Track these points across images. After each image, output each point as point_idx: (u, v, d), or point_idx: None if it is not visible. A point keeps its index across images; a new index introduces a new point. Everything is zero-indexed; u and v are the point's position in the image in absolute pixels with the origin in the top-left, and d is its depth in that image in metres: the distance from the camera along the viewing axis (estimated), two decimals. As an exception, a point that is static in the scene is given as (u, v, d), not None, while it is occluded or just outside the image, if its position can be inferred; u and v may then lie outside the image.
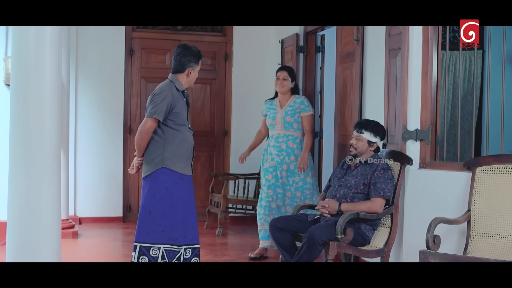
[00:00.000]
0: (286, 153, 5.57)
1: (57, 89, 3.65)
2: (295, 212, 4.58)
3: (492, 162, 3.93)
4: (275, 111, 5.67)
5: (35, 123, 3.58)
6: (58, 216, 3.71)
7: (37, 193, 3.58)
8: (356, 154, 4.45)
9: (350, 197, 4.36)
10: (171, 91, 4.08)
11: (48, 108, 3.61)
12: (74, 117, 7.15)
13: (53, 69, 3.61)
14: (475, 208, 3.92)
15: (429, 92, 4.36)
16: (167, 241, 4.03)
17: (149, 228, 4.04)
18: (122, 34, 7.36)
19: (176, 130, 4.10)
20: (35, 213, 3.58)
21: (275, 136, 5.64)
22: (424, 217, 3.94)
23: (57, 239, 3.69)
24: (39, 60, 3.57)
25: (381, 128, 4.47)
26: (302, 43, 6.66)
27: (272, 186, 5.55)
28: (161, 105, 4.01)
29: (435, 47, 4.36)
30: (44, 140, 3.59)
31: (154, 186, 4.06)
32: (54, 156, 3.65)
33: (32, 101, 3.59)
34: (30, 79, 3.58)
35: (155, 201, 4.05)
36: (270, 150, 5.65)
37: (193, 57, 4.17)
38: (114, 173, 7.33)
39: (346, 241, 4.09)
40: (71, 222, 6.55)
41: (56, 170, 3.66)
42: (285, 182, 5.57)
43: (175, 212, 4.06)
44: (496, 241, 3.81)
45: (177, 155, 4.09)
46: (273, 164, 5.58)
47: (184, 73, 4.17)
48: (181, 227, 4.07)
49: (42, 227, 3.60)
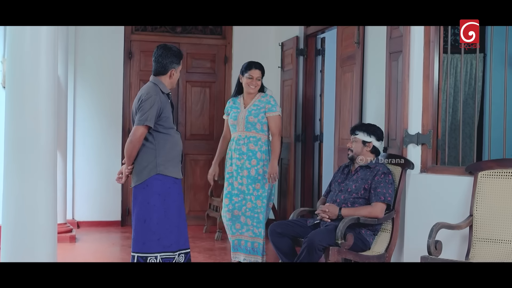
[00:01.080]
0: (247, 157, 5.07)
1: (53, 91, 3.60)
2: (294, 217, 4.55)
3: (495, 167, 3.90)
4: (237, 110, 5.17)
5: (31, 126, 3.52)
6: (54, 220, 3.65)
7: (32, 197, 3.52)
8: (353, 156, 4.44)
9: (350, 202, 4.33)
10: (158, 95, 3.97)
11: (43, 111, 3.55)
12: (73, 120, 7.12)
13: (49, 70, 3.55)
14: (477, 213, 3.88)
15: (430, 96, 4.33)
16: (163, 248, 3.97)
17: (145, 237, 3.97)
18: (121, 37, 7.33)
19: (166, 134, 4.01)
20: (30, 217, 3.52)
21: (236, 138, 5.14)
22: (426, 222, 3.91)
23: (52, 244, 3.63)
24: (34, 61, 3.52)
25: (375, 128, 4.45)
26: (302, 46, 6.65)
27: (228, 195, 5.12)
28: (151, 111, 3.89)
29: (436, 50, 4.33)
30: (40, 143, 3.53)
31: (148, 194, 3.97)
32: (50, 160, 3.59)
33: (27, 103, 3.53)
34: (25, 80, 3.53)
35: (149, 209, 3.97)
36: (231, 154, 5.16)
37: (174, 58, 4.06)
38: (112, 177, 7.05)
39: (346, 246, 4.05)
40: (68, 226, 6.51)
41: (52, 174, 3.61)
42: (244, 190, 5.07)
43: (169, 217, 3.99)
44: (499, 247, 3.77)
45: (170, 160, 4.01)
46: (232, 170, 5.12)
47: (167, 74, 4.06)
48: (175, 232, 4.01)
49: (38, 231, 3.54)
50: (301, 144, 6.73)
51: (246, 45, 7.59)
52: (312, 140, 6.71)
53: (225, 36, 7.65)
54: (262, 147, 5.10)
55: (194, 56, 7.51)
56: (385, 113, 4.71)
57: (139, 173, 4.00)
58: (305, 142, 6.71)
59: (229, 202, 5.11)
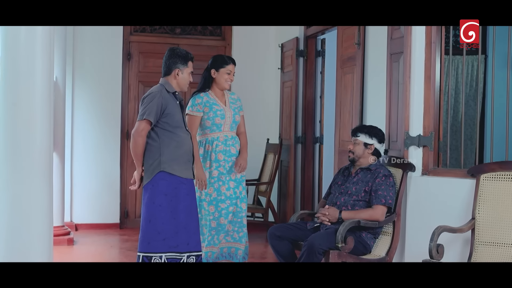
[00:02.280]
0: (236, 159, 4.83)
1: (49, 92, 3.55)
2: (294, 220, 4.50)
3: (497, 169, 3.86)
4: (219, 108, 4.80)
5: (25, 128, 3.47)
6: (49, 223, 3.60)
7: (27, 200, 3.47)
8: (354, 159, 4.39)
9: (350, 204, 4.29)
10: (160, 92, 4.03)
11: (38, 112, 3.50)
12: (71, 122, 7.07)
13: (44, 71, 3.50)
14: (480, 216, 3.85)
15: (432, 97, 4.30)
16: (168, 249, 3.97)
17: (149, 237, 3.98)
18: (119, 38, 7.28)
19: (172, 133, 4.03)
20: (24, 220, 3.47)
21: (222, 139, 4.78)
22: (427, 225, 3.88)
23: (48, 247, 3.58)
24: (30, 61, 3.47)
25: (377, 130, 4.40)
26: (302, 47, 6.63)
27: (214, 202, 4.74)
28: (151, 106, 3.95)
29: (438, 51, 4.30)
30: (35, 145, 3.47)
31: (153, 193, 3.99)
32: (45, 162, 3.54)
33: (22, 104, 3.47)
34: (20, 81, 3.48)
35: (154, 209, 3.98)
36: (215, 156, 4.77)
37: (179, 59, 4.12)
38: (111, 179, 7.24)
39: (346, 250, 4.01)
40: (66, 228, 6.46)
41: (47, 176, 3.56)
42: (231, 195, 4.76)
43: (175, 218, 3.99)
44: (502, 250, 3.73)
45: (175, 158, 4.02)
46: (217, 174, 4.75)
47: (171, 75, 4.13)
48: (183, 233, 4.00)
49: (32, 235, 3.49)
50: (301, 146, 6.70)
51: (246, 46, 7.54)
52: (312, 142, 6.69)
53: (225, 37, 7.60)
54: (239, 147, 4.90)
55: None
56: (386, 115, 4.68)
57: (146, 173, 4.03)
58: (305, 144, 6.68)
59: (215, 210, 4.73)
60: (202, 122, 4.79)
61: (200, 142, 4.82)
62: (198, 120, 4.77)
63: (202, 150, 4.79)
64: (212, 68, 4.88)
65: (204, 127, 4.80)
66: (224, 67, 4.85)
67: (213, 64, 4.89)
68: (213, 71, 4.87)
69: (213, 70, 4.87)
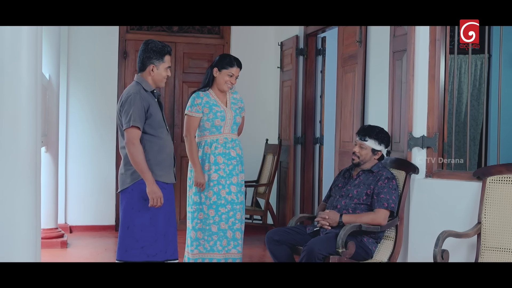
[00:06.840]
0: (237, 162, 4.65)
1: (35, 92, 3.39)
2: (293, 224, 4.40)
3: (504, 172, 3.79)
4: (220, 109, 4.65)
5: (9, 129, 3.31)
6: (36, 226, 3.45)
7: (11, 204, 3.31)
8: (359, 163, 4.26)
9: (351, 208, 4.18)
10: (138, 93, 3.79)
11: (24, 112, 3.34)
12: (65, 121, 6.98)
13: (30, 70, 3.34)
14: (486, 220, 3.77)
15: (436, 97, 4.22)
16: (146, 257, 3.78)
17: (127, 244, 3.79)
18: (115, 36, 7.17)
19: (153, 136, 3.81)
20: (6, 223, 3.31)
21: (221, 141, 4.62)
22: (431, 230, 3.83)
23: (34, 251, 3.43)
24: (14, 61, 3.31)
25: (385, 135, 4.27)
26: (302, 45, 6.57)
27: (214, 206, 4.57)
28: (134, 111, 3.71)
29: (442, 49, 4.22)
30: (20, 146, 3.31)
31: (132, 199, 3.78)
32: (31, 163, 3.38)
33: (6, 104, 3.31)
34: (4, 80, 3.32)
35: (133, 215, 3.78)
36: (214, 159, 4.60)
37: (153, 53, 3.87)
38: (106, 180, 7.14)
39: (347, 255, 3.91)
40: (60, 231, 6.34)
41: (34, 178, 3.41)
42: (233, 199, 4.60)
43: (154, 225, 3.80)
44: (508, 256, 3.67)
45: (158, 163, 3.81)
46: (216, 177, 4.59)
47: (146, 71, 3.90)
48: (161, 241, 3.82)
49: (17, 240, 3.33)
50: (300, 147, 6.62)
51: (244, 44, 7.45)
52: (312, 143, 6.61)
53: (223, 36, 7.49)
54: (240, 150, 4.74)
55: (191, 56, 7.35)
56: (389, 115, 4.60)
57: (125, 178, 3.82)
58: (305, 145, 6.59)
59: (215, 214, 4.56)
60: (201, 123, 4.63)
61: (198, 143, 4.65)
62: (197, 121, 4.61)
63: (200, 152, 4.63)
64: (215, 67, 4.68)
65: (203, 128, 4.64)
66: (227, 69, 4.65)
67: (218, 62, 4.69)
68: (215, 70, 4.67)
69: (215, 69, 4.67)
